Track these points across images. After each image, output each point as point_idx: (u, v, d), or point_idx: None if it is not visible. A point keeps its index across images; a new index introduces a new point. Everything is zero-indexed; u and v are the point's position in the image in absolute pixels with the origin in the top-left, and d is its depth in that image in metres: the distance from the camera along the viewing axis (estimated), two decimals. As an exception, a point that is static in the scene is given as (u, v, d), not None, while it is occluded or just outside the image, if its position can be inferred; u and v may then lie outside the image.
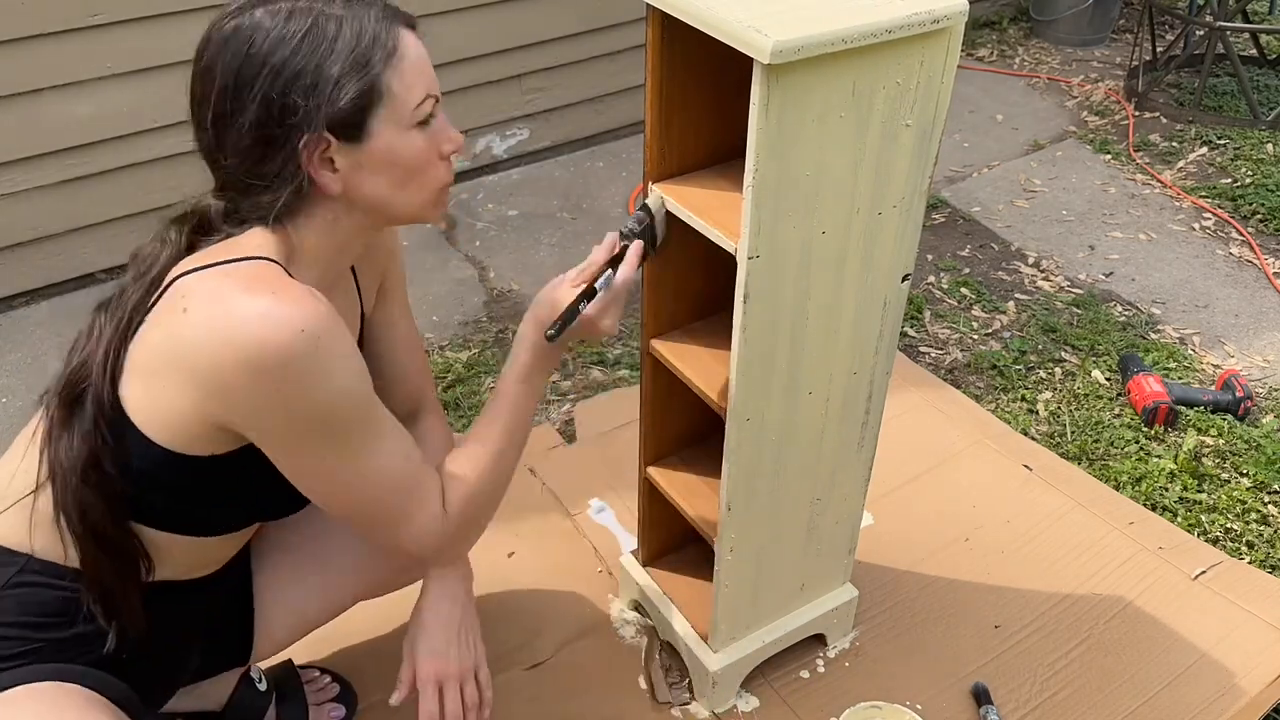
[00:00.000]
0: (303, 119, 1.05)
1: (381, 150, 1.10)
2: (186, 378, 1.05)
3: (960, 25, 1.21)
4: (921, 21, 1.16)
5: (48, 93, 2.58)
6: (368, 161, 1.10)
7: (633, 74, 3.56)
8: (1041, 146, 3.72)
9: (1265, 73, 4.22)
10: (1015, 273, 2.99)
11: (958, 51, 1.25)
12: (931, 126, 1.29)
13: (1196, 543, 2.03)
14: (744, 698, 1.70)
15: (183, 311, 1.05)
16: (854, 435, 1.54)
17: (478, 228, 3.16)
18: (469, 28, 3.14)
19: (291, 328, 1.02)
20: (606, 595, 1.89)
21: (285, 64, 1.04)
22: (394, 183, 1.13)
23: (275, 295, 1.03)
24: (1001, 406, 2.44)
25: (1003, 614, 1.87)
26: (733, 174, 1.37)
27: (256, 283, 1.05)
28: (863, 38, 1.12)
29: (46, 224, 2.73)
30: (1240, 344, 2.71)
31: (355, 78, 1.05)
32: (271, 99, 1.04)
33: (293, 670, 1.63)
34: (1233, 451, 2.29)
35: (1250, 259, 3.07)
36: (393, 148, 1.10)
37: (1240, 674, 1.75)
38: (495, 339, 2.67)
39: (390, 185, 1.13)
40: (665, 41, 1.29)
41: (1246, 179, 3.46)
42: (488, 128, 3.39)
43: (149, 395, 1.08)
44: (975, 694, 1.70)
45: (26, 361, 2.58)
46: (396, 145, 1.11)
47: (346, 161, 1.10)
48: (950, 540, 2.01)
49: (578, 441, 2.27)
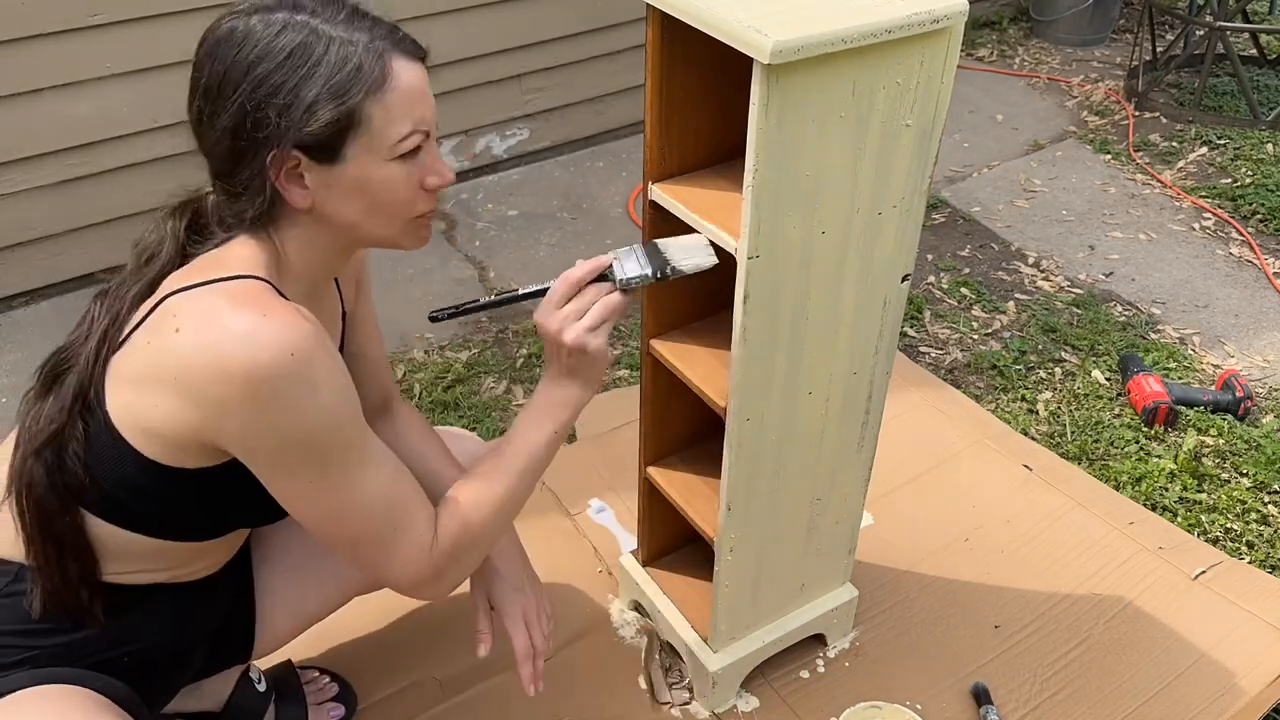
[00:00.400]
0: (272, 134, 1.04)
1: (352, 178, 1.09)
2: (177, 395, 1.04)
3: (960, 25, 1.21)
4: (921, 21, 1.16)
5: (47, 92, 2.58)
6: (337, 184, 1.09)
7: (633, 74, 3.56)
8: (1041, 146, 3.73)
9: (1265, 73, 4.22)
10: (1015, 273, 2.99)
11: (958, 51, 1.25)
12: (931, 126, 1.29)
13: (1196, 543, 2.03)
14: (744, 698, 1.70)
15: (175, 331, 1.04)
16: (854, 435, 1.54)
17: (478, 227, 3.16)
18: (469, 28, 3.14)
19: (281, 349, 1.01)
20: (606, 595, 1.89)
21: (266, 77, 1.03)
22: (363, 209, 1.12)
23: (265, 316, 1.02)
24: (1001, 406, 2.44)
25: (1003, 614, 1.87)
26: (733, 174, 1.37)
27: (246, 303, 1.04)
28: (863, 38, 1.12)
29: (46, 224, 2.73)
30: (1240, 344, 2.71)
31: (331, 104, 1.04)
32: (247, 109, 1.04)
33: (292, 670, 1.63)
34: (1233, 451, 2.29)
35: (1250, 259, 3.07)
36: (366, 176, 1.09)
37: (1240, 674, 1.75)
38: (495, 339, 2.67)
39: (360, 211, 1.12)
40: (665, 41, 1.28)
41: (1246, 179, 3.46)
42: (488, 128, 3.39)
43: (139, 406, 1.07)
44: (975, 694, 1.70)
45: (26, 361, 2.58)
46: (371, 174, 1.09)
47: (317, 180, 1.09)
48: (950, 540, 2.01)
49: (578, 441, 2.27)
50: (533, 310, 1.25)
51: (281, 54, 1.03)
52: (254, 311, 1.03)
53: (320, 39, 1.04)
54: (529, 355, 2.58)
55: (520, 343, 2.64)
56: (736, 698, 1.70)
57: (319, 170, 1.08)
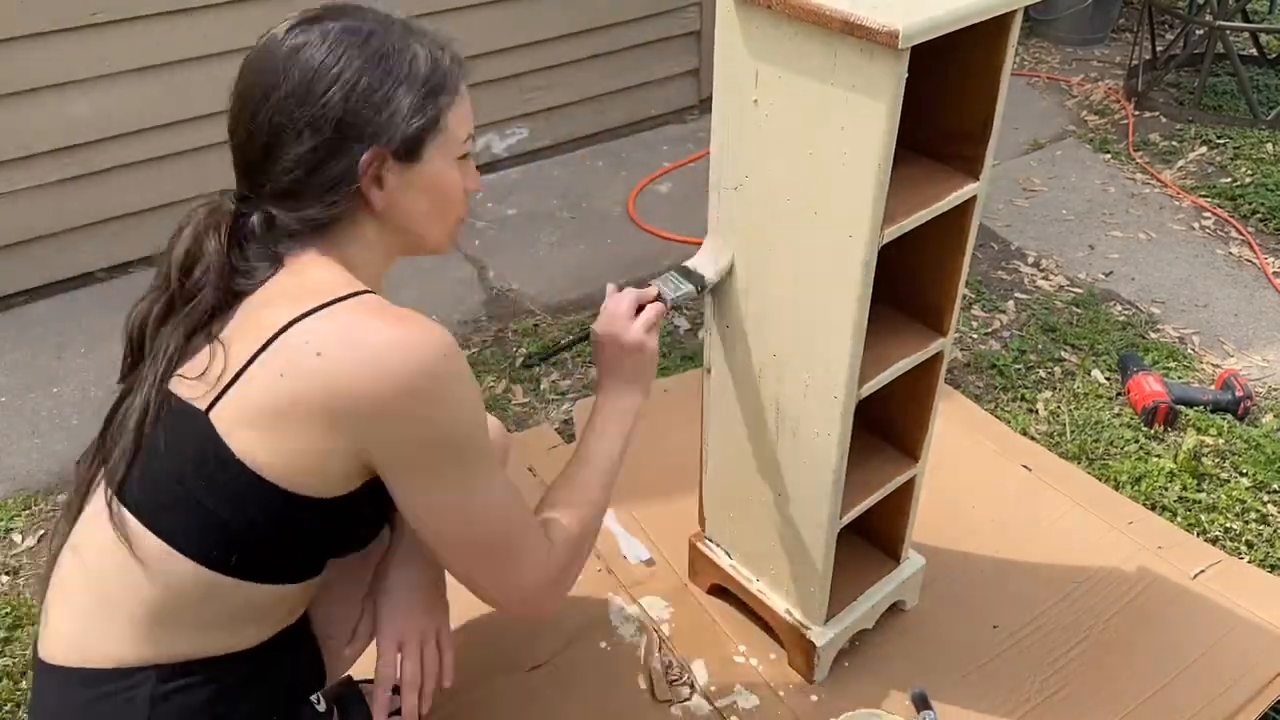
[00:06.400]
0: (370, 134, 1.10)
1: (430, 175, 1.16)
2: (328, 417, 1.06)
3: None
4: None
5: (46, 92, 2.58)
6: (416, 182, 1.15)
7: (633, 74, 3.56)
8: (1041, 146, 3.73)
9: (1265, 72, 4.22)
10: (1015, 272, 2.99)
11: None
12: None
13: (1196, 542, 2.03)
14: (744, 696, 1.70)
15: (316, 356, 1.05)
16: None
17: (477, 227, 3.16)
18: (469, 27, 3.13)
19: (435, 350, 1.07)
20: (606, 594, 1.89)
21: (359, 80, 1.08)
22: (430, 207, 1.19)
23: (405, 324, 1.07)
24: (1001, 406, 2.44)
25: (1002, 614, 1.87)
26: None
27: (383, 314, 1.08)
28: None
29: (45, 223, 2.73)
30: (1240, 343, 2.71)
31: (426, 106, 1.12)
32: (340, 111, 1.08)
33: (352, 685, 1.60)
34: (1232, 451, 2.29)
35: (1250, 258, 3.07)
36: (439, 174, 1.17)
37: (1239, 674, 1.75)
38: (494, 338, 2.67)
39: (427, 209, 1.19)
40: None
41: (1246, 178, 3.46)
42: (487, 127, 3.39)
43: (278, 439, 1.07)
44: (915, 700, 1.68)
45: (26, 360, 2.58)
46: (442, 175, 1.18)
47: (396, 181, 1.14)
48: (950, 540, 2.01)
49: (577, 441, 2.27)
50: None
51: (375, 58, 1.10)
52: (394, 320, 1.08)
53: (408, 48, 1.12)
54: (528, 355, 2.58)
55: (519, 342, 2.64)
56: (736, 695, 1.70)
57: (400, 170, 1.13)
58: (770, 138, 1.31)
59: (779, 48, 1.23)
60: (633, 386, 1.39)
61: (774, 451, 1.56)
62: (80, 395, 2.47)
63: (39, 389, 2.49)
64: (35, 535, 2.08)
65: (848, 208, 1.26)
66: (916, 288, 1.51)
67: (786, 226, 1.35)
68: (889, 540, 1.77)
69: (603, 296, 1.44)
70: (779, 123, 1.29)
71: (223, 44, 2.69)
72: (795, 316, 1.41)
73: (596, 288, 2.66)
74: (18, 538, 2.08)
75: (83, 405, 2.43)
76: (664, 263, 2.93)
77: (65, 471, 2.23)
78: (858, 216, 1.26)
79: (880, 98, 1.16)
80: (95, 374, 2.53)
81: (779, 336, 1.45)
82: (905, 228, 1.31)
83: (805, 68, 1.22)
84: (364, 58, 1.09)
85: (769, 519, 1.64)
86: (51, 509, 2.14)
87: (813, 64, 1.21)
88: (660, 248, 3.04)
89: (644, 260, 2.97)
